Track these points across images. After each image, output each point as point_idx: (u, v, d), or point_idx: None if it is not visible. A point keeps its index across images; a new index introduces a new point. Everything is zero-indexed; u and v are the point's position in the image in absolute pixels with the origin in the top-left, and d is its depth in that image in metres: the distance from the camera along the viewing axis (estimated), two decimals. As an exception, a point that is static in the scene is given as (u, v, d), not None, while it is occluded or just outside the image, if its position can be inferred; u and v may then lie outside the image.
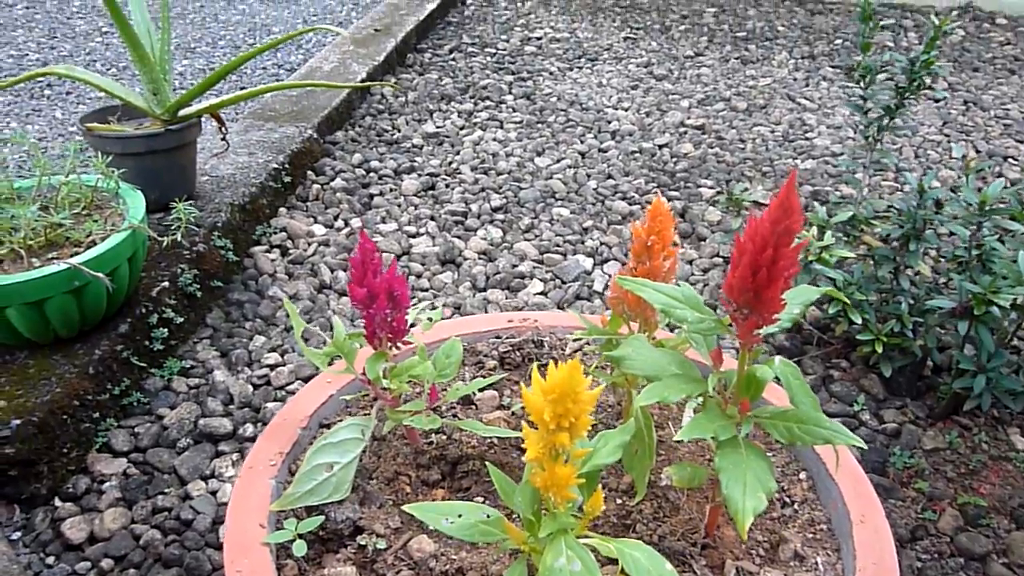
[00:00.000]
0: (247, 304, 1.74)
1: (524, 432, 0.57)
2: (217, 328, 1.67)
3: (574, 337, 1.00)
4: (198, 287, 1.64)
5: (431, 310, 0.89)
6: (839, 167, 2.36)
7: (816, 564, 0.76)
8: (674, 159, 2.41)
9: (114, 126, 1.72)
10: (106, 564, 1.20)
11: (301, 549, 0.73)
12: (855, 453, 0.86)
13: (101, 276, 1.30)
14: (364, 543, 0.76)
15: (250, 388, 1.51)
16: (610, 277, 1.81)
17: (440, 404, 0.93)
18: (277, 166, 2.07)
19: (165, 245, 1.47)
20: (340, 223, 2.04)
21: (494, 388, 0.98)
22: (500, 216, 2.09)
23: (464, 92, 2.86)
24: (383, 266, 0.76)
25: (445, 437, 0.90)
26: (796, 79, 3.06)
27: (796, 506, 0.84)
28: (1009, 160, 2.45)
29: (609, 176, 2.30)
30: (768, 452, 0.86)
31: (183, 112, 1.78)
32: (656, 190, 2.20)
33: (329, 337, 0.86)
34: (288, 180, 2.10)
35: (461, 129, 2.58)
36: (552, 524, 0.58)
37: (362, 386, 0.86)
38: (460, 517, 0.63)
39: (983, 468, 1.41)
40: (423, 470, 0.86)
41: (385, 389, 0.80)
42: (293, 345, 1.62)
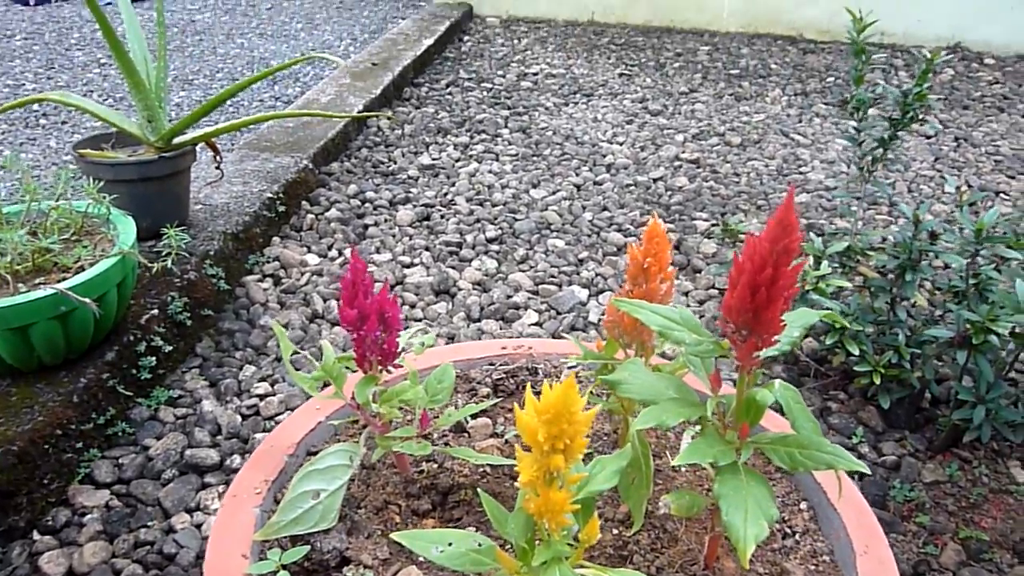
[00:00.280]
0: (238, 333, 1.71)
1: (518, 455, 0.55)
2: (207, 357, 1.65)
3: (569, 364, 0.98)
4: (188, 315, 1.62)
5: (423, 335, 0.87)
6: (833, 201, 2.37)
7: (819, 598, 0.74)
8: (669, 192, 2.41)
9: (107, 153, 1.72)
10: (84, 600, 1.16)
11: (284, 581, 0.71)
12: (856, 483, 0.84)
13: (88, 302, 1.27)
14: (351, 575, 0.73)
15: (239, 418, 1.48)
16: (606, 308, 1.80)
17: (431, 431, 0.91)
18: (272, 195, 2.06)
19: (155, 272, 1.46)
20: (334, 252, 2.03)
21: (487, 416, 0.96)
22: (495, 247, 2.08)
23: (460, 126, 2.88)
24: (374, 288, 0.75)
25: (436, 466, 0.87)
26: (789, 115, 3.08)
27: (797, 537, 0.82)
28: (1001, 195, 2.47)
29: (604, 208, 2.30)
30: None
31: (178, 140, 1.77)
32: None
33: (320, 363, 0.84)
34: (282, 209, 2.09)
35: (457, 161, 2.58)
36: (546, 552, 0.56)
37: (351, 412, 0.84)
38: (450, 545, 0.61)
39: (984, 501, 1.38)
40: (413, 499, 0.83)
41: (374, 415, 0.78)
42: (284, 375, 1.60)
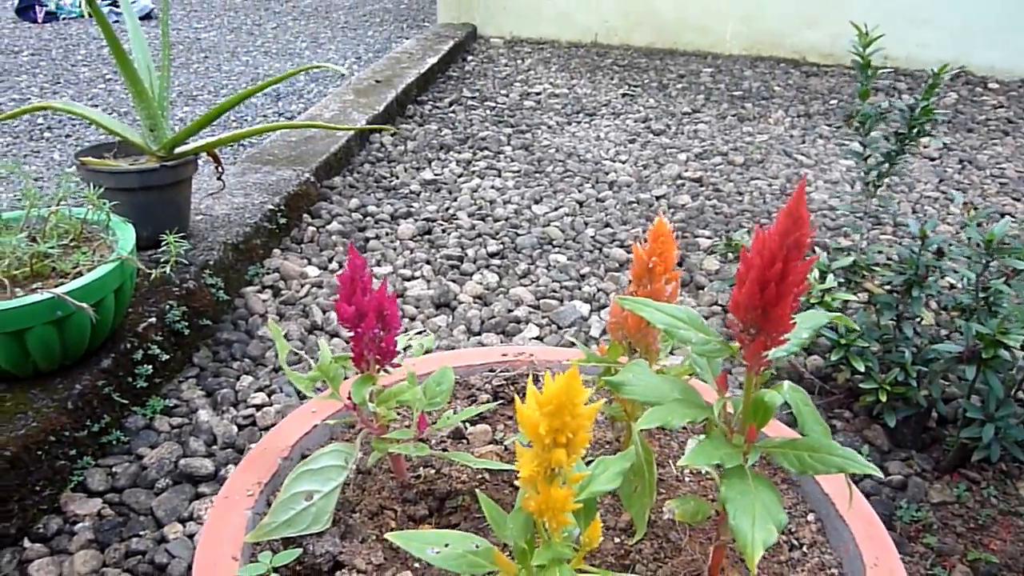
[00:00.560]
0: (236, 344, 1.70)
1: (517, 451, 0.53)
2: (204, 367, 1.63)
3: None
4: (186, 325, 1.60)
5: (422, 336, 0.85)
6: (837, 220, 2.36)
7: (828, 610, 0.71)
8: (672, 209, 2.41)
9: (108, 161, 1.71)
10: (73, 610, 1.13)
11: (276, 585, 0.68)
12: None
13: (85, 306, 1.26)
14: (344, 580, 0.71)
15: (235, 428, 1.46)
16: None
17: (429, 437, 0.89)
18: (273, 207, 2.05)
19: (153, 278, 1.44)
20: (335, 265, 2.01)
21: (487, 423, 0.94)
22: (496, 261, 2.07)
23: (463, 143, 2.88)
24: (373, 285, 0.73)
25: (434, 471, 0.85)
26: (792, 136, 3.09)
27: (805, 549, 0.79)
28: (1007, 216, 2.45)
29: (607, 224, 2.29)
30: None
31: (179, 149, 1.77)
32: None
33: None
34: (283, 222, 2.08)
35: (459, 177, 2.58)
36: (547, 553, 0.54)
37: (348, 415, 0.82)
38: (447, 547, 0.59)
39: (993, 523, 1.35)
40: (410, 505, 0.81)
41: (371, 415, 0.76)
42: (281, 385, 1.58)
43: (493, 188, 2.50)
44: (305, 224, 2.17)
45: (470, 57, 4.10)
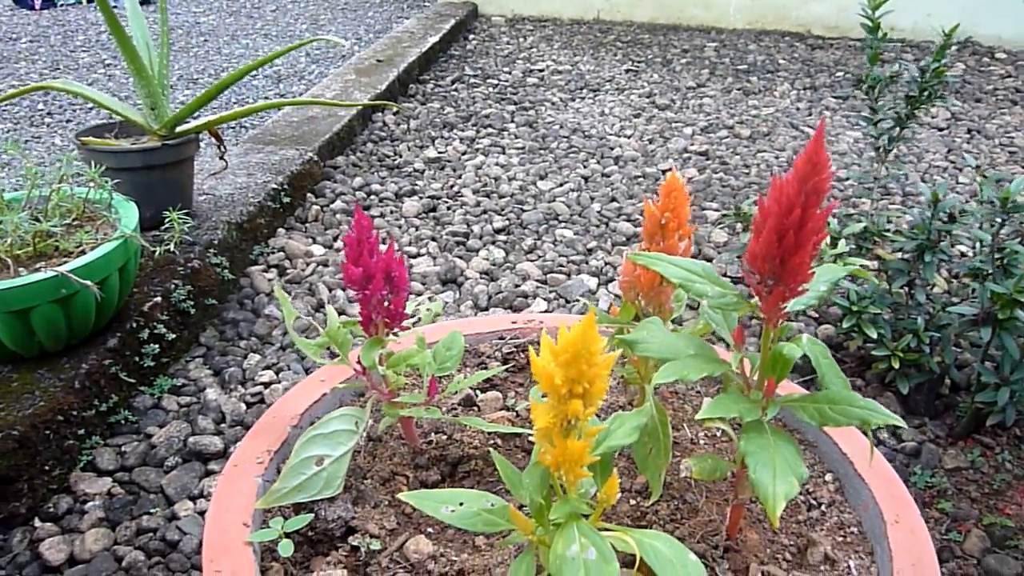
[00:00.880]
0: (242, 323, 1.69)
1: (532, 405, 0.52)
2: (211, 347, 1.62)
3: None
4: (192, 304, 1.59)
5: (430, 302, 0.84)
6: (846, 191, 2.33)
7: (849, 568, 0.70)
8: (678, 183, 2.38)
9: (110, 141, 1.70)
10: (85, 587, 1.13)
11: (287, 549, 0.67)
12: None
13: (89, 284, 1.25)
14: (357, 544, 0.70)
15: (243, 406, 1.46)
16: (616, 297, 1.77)
17: (440, 404, 0.88)
18: (276, 186, 2.04)
19: (158, 255, 1.43)
20: (339, 244, 2.00)
21: (497, 389, 0.93)
22: (502, 237, 2.05)
23: (466, 120, 2.86)
24: (380, 247, 0.72)
25: (445, 437, 0.84)
26: (799, 108, 3.05)
27: (823, 508, 0.78)
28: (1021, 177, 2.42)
29: (613, 199, 2.27)
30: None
31: (181, 128, 1.75)
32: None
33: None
34: (287, 201, 2.06)
35: (463, 154, 2.56)
36: (564, 507, 0.53)
37: (357, 381, 0.80)
38: (461, 505, 0.58)
39: (1008, 488, 1.34)
40: (421, 471, 0.80)
41: (381, 380, 0.75)
42: (289, 363, 1.57)
43: (498, 165, 2.47)
44: (309, 203, 2.15)
45: (471, 36, 4.06)
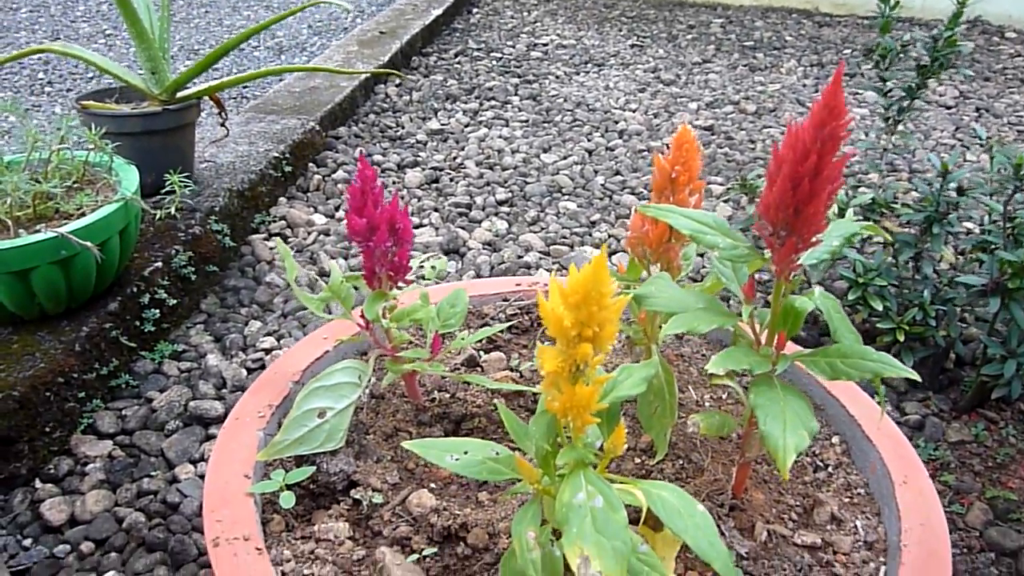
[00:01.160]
0: (243, 290, 1.68)
1: (538, 350, 0.51)
2: (211, 313, 1.61)
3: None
4: (193, 270, 1.58)
5: (435, 259, 0.83)
6: (851, 167, 2.31)
7: (855, 527, 0.70)
8: (683, 157, 2.36)
9: (110, 105, 1.68)
10: (86, 547, 1.13)
11: (289, 501, 0.67)
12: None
13: (90, 245, 1.24)
14: (359, 498, 0.69)
15: (244, 372, 1.45)
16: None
17: (443, 362, 0.87)
18: (278, 155, 2.02)
19: (159, 219, 1.42)
20: (341, 213, 1.99)
21: (501, 351, 0.92)
22: (505, 209, 2.04)
23: (469, 93, 2.83)
24: (384, 198, 0.70)
25: (448, 395, 0.83)
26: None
27: (830, 470, 0.77)
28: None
29: (617, 172, 2.25)
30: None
31: (182, 93, 1.73)
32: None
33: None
34: (289, 170, 2.05)
35: (466, 127, 2.54)
36: (571, 453, 0.52)
37: (360, 336, 0.79)
38: (466, 454, 0.57)
39: (1011, 462, 1.34)
40: (424, 427, 0.79)
41: (384, 335, 0.74)
42: (290, 330, 1.56)
43: (501, 137, 2.45)
44: (311, 173, 2.13)
45: (475, 9, 4.02)
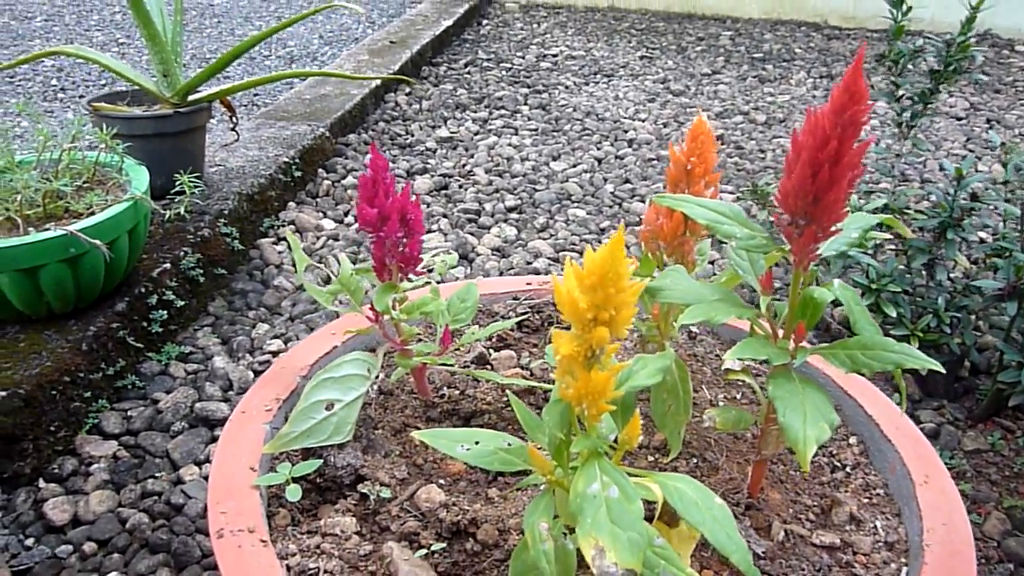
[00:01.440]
0: (251, 293, 1.67)
1: (553, 334, 0.50)
2: (219, 316, 1.61)
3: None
4: (201, 272, 1.58)
5: (445, 255, 0.82)
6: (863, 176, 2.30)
7: (875, 528, 0.68)
8: (693, 166, 2.35)
9: (121, 107, 1.68)
10: (88, 548, 1.11)
11: (295, 494, 0.65)
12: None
13: (99, 244, 1.24)
14: (366, 492, 0.68)
15: (251, 374, 1.44)
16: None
17: (453, 361, 0.86)
18: (288, 160, 2.02)
19: (168, 219, 1.42)
20: (350, 219, 1.98)
21: (511, 349, 0.91)
22: (515, 216, 2.03)
23: (479, 102, 2.83)
24: (396, 189, 0.70)
25: (458, 392, 0.82)
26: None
27: (848, 470, 0.76)
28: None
29: (627, 180, 2.24)
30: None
31: (193, 97, 1.74)
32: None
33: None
34: (298, 175, 2.05)
35: (475, 135, 2.54)
36: (585, 441, 0.50)
37: (369, 329, 0.78)
38: (477, 444, 0.56)
39: (1029, 471, 1.32)
40: (433, 424, 0.78)
41: (394, 329, 0.72)
42: (298, 333, 1.55)
43: (510, 145, 2.45)
44: (320, 178, 2.13)
45: (485, 21, 4.04)
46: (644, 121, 2.70)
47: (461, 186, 2.18)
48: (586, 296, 0.47)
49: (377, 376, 0.75)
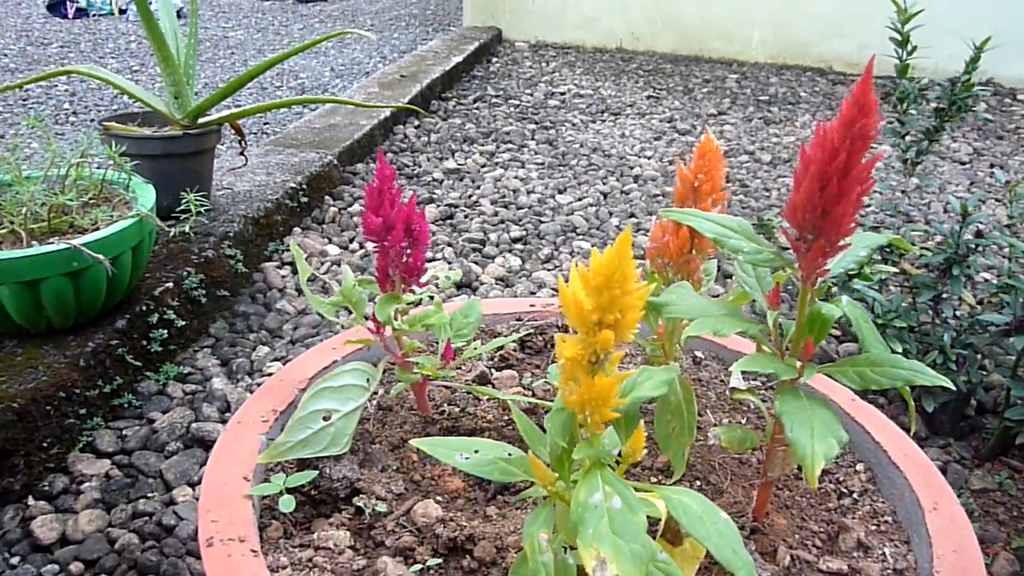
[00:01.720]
0: (253, 316, 1.66)
1: (557, 338, 0.49)
2: (220, 337, 1.60)
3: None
4: (203, 293, 1.57)
5: (448, 270, 0.81)
6: (866, 218, 2.30)
7: (884, 555, 0.66)
8: (698, 202, 2.36)
9: (132, 128, 1.69)
10: (75, 568, 1.09)
11: (288, 505, 0.64)
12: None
13: (101, 258, 1.23)
14: (362, 505, 0.66)
15: (249, 396, 1.42)
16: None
17: (454, 378, 0.85)
18: (295, 185, 2.03)
19: (172, 236, 1.42)
20: (355, 245, 1.98)
21: (513, 369, 0.90)
22: (519, 246, 2.03)
23: (487, 136, 2.86)
24: (402, 198, 0.69)
25: (459, 410, 0.81)
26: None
27: (855, 496, 0.74)
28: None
29: (632, 215, 2.25)
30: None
31: (203, 119, 1.75)
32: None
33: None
34: (305, 201, 2.06)
35: (482, 167, 2.55)
36: (587, 449, 0.49)
37: (370, 342, 0.77)
38: (477, 453, 0.54)
39: (1038, 512, 1.29)
40: (432, 440, 0.76)
41: (395, 337, 0.71)
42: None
43: (516, 178, 2.46)
44: (327, 205, 2.14)
45: (495, 59, 4.10)
46: (650, 158, 2.71)
47: (467, 216, 2.18)
48: (591, 298, 0.46)
49: (376, 391, 0.74)
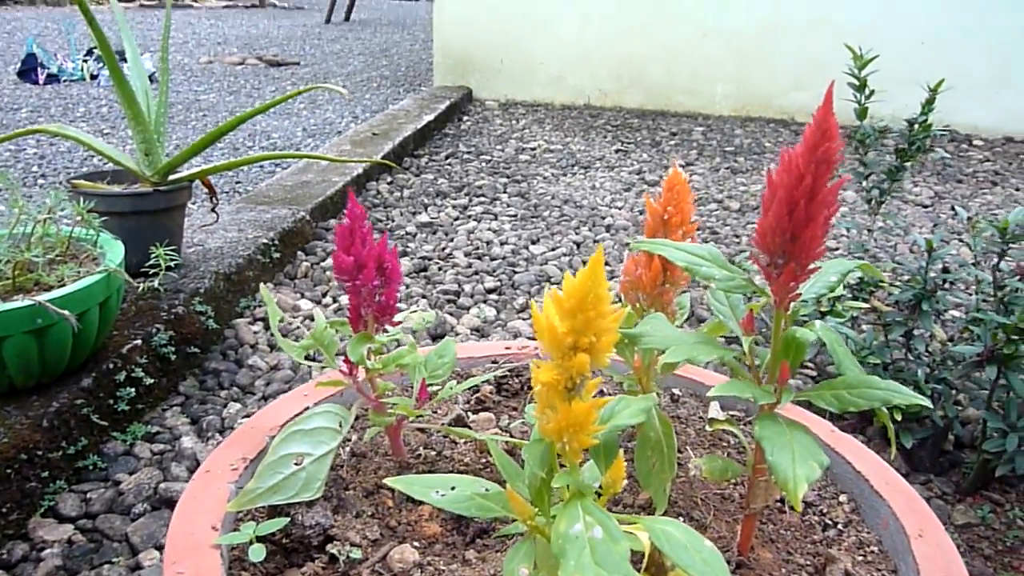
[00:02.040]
0: (224, 373, 1.63)
1: (532, 364, 0.48)
2: (190, 395, 1.56)
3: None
4: (173, 351, 1.54)
5: (422, 311, 0.81)
6: (834, 255, 2.34)
7: (871, 585, 0.65)
8: (670, 249, 2.39)
9: (101, 186, 1.68)
10: (33, 640, 1.03)
11: (259, 554, 0.61)
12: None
13: (67, 314, 1.21)
14: (335, 553, 0.64)
15: (219, 453, 1.39)
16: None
17: (430, 421, 0.83)
18: (267, 241, 2.02)
19: (141, 292, 1.39)
20: (328, 300, 1.97)
21: (490, 411, 0.88)
22: (494, 296, 2.03)
23: (459, 190, 2.88)
24: (373, 238, 0.69)
25: (435, 453, 0.79)
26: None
27: (840, 527, 0.73)
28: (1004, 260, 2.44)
29: (606, 263, 2.26)
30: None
31: (174, 176, 1.75)
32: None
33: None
34: (277, 256, 2.04)
35: (455, 220, 2.57)
36: (566, 478, 0.48)
37: (341, 399, 0.76)
38: (453, 489, 0.53)
39: (1021, 545, 1.28)
40: (408, 484, 0.74)
41: (368, 379, 0.70)
42: (270, 411, 1.51)
43: (490, 230, 2.48)
44: (299, 260, 2.13)
45: (466, 117, 4.17)
46: (620, 209, 2.75)
47: (440, 268, 2.18)
48: (565, 321, 0.46)
49: (349, 437, 0.72)
